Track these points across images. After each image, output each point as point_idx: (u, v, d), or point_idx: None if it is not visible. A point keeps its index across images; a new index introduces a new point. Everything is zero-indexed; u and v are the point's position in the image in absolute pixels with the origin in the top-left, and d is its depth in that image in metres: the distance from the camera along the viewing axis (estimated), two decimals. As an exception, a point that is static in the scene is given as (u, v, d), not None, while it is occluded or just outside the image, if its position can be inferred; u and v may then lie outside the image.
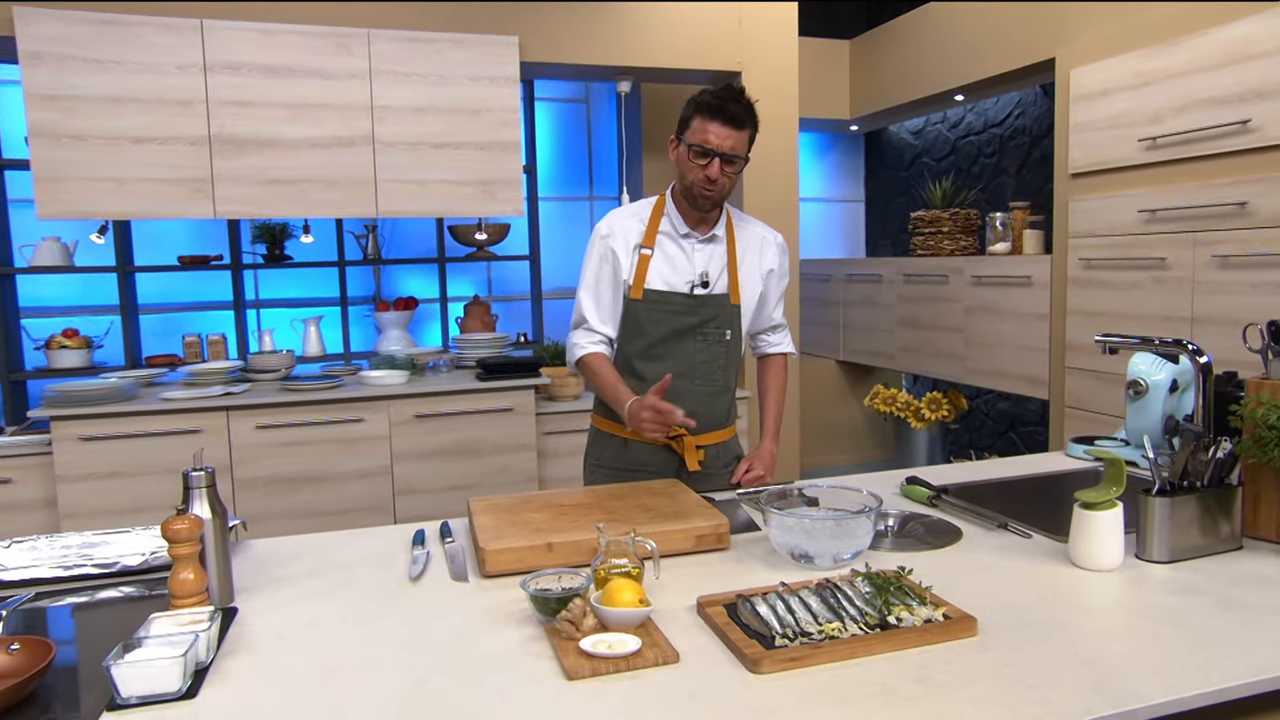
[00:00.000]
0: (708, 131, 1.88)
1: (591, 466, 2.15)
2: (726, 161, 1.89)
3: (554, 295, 4.99)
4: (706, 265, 2.03)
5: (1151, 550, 1.50)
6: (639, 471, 2.05)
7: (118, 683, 1.07)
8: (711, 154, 1.88)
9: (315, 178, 3.41)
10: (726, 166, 1.90)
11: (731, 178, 1.93)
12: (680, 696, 1.08)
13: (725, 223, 2.07)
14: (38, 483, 3.26)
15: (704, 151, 1.89)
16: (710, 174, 1.89)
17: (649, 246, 2.01)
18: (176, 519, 1.30)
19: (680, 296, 2.01)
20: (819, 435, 5.03)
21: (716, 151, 1.88)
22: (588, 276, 2.06)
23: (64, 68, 3.14)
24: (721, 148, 1.88)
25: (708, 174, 1.90)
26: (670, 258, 2.02)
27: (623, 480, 2.01)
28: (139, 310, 4.49)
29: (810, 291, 5.30)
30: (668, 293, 2.01)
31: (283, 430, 3.40)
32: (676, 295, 2.01)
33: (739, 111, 1.87)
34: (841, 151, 5.55)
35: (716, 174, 1.89)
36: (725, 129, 1.87)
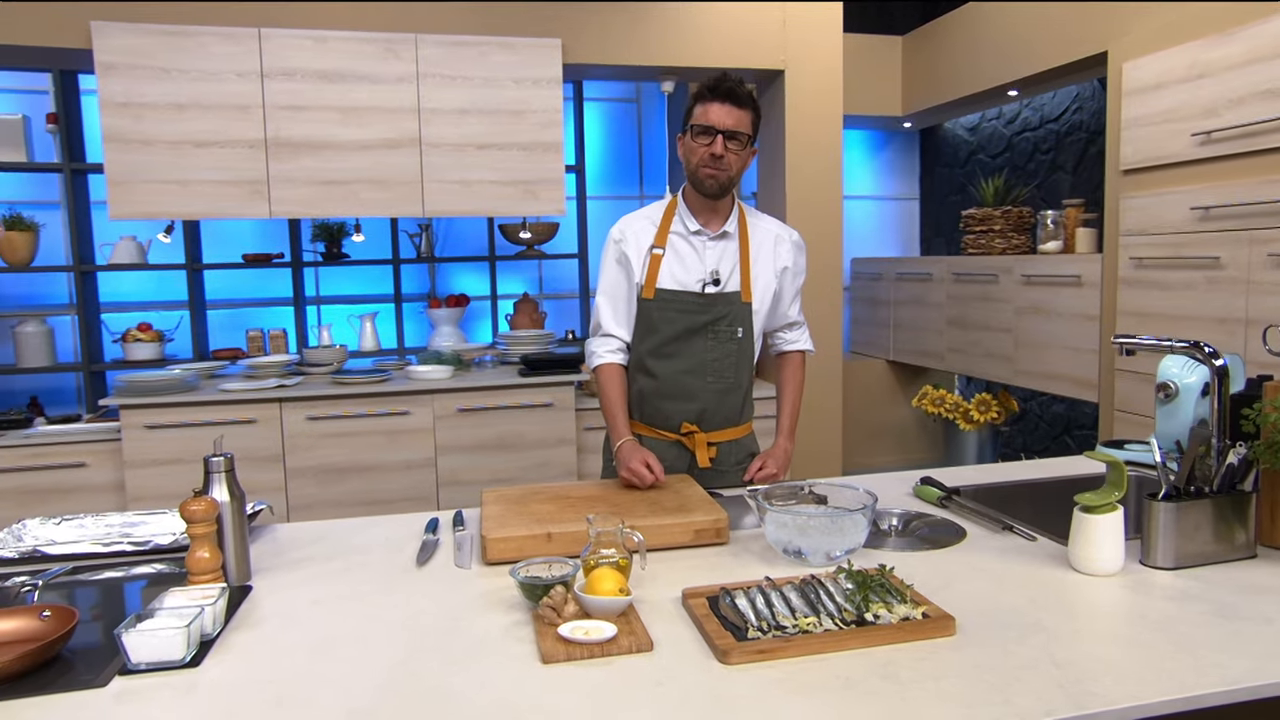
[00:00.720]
0: (708, 112, 1.93)
1: (609, 461, 2.19)
2: (730, 139, 1.92)
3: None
4: (718, 263, 2.04)
5: (1156, 556, 1.47)
6: None
7: (128, 649, 1.16)
8: (713, 131, 1.92)
9: (364, 178, 3.54)
10: (730, 144, 1.92)
11: (737, 157, 1.95)
12: (647, 683, 1.11)
13: (737, 220, 2.08)
14: (109, 467, 3.46)
15: (706, 129, 1.92)
16: (715, 150, 1.92)
17: (660, 246, 2.04)
18: (193, 500, 1.39)
19: (691, 295, 2.02)
20: (867, 436, 4.98)
21: (718, 129, 1.91)
22: (604, 282, 2.11)
23: (135, 77, 3.33)
24: (723, 125, 1.91)
25: (712, 151, 1.92)
26: (681, 257, 2.04)
27: None
28: (207, 306, 4.72)
29: (860, 291, 5.24)
30: (679, 291, 2.03)
31: (332, 421, 3.54)
32: (687, 294, 2.03)
33: (737, 90, 1.92)
34: (895, 149, 5.47)
35: (720, 150, 1.92)
36: (725, 107, 1.91)
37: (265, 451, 3.50)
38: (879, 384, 5.01)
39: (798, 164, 3.94)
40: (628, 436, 1.98)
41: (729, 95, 1.91)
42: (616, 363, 2.09)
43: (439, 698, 1.09)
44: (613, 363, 2.09)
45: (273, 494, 3.53)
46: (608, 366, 2.09)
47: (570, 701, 1.07)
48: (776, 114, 4.03)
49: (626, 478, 1.87)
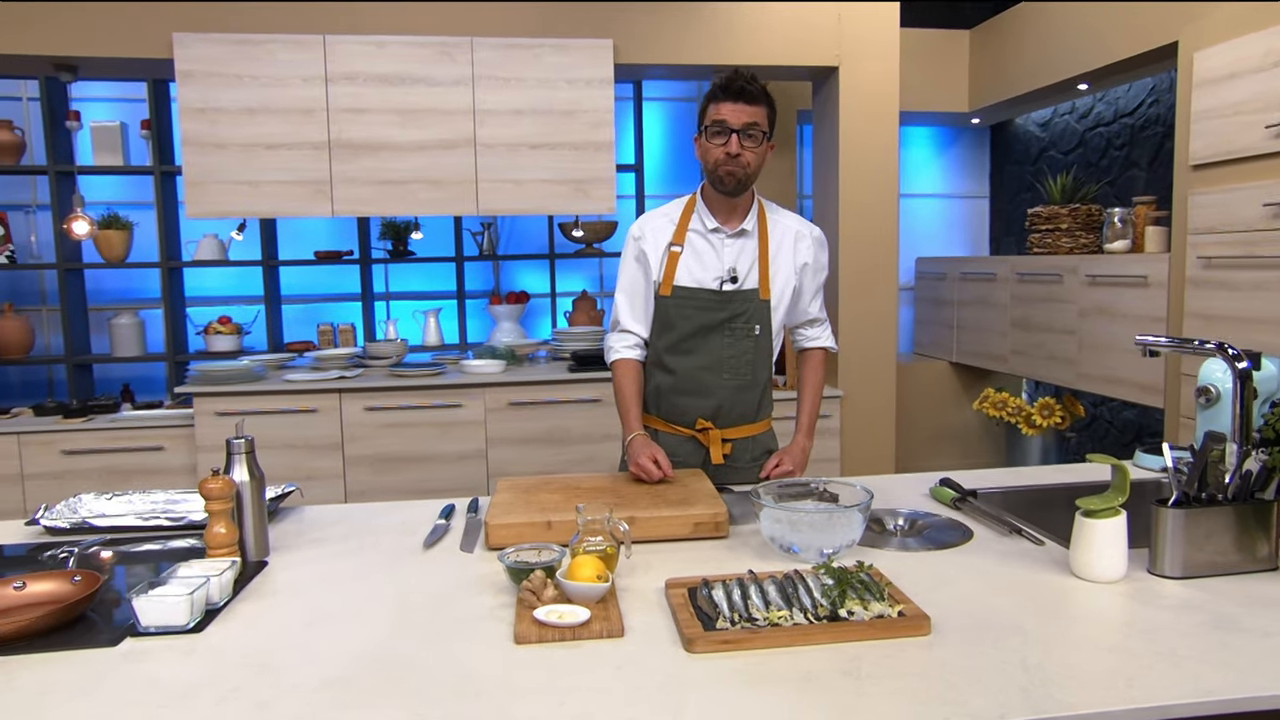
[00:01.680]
0: (721, 110, 1.93)
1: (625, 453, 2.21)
2: (745, 136, 1.92)
3: (658, 291, 5.08)
4: (736, 260, 2.05)
5: (1163, 564, 1.42)
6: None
7: (138, 613, 1.26)
8: (728, 129, 1.92)
9: (421, 178, 3.66)
10: (746, 141, 1.93)
11: (753, 154, 1.95)
12: (609, 666, 1.14)
13: (757, 216, 2.08)
14: (183, 451, 3.68)
15: (721, 128, 1.93)
16: (730, 149, 1.92)
17: (679, 244, 2.06)
18: (211, 479, 1.49)
19: (707, 293, 2.03)
20: (928, 439, 4.87)
21: (733, 127, 1.92)
22: (623, 279, 2.14)
23: (210, 84, 3.53)
24: (737, 122, 1.91)
25: (727, 150, 1.92)
26: (699, 254, 2.05)
27: None
28: (282, 300, 4.95)
29: (924, 290, 5.13)
30: (695, 289, 2.04)
31: (389, 413, 3.67)
32: (704, 291, 2.03)
33: (750, 87, 1.92)
34: (964, 146, 5.33)
35: (736, 148, 1.92)
36: (737, 104, 1.91)
37: (325, 440, 3.66)
38: (941, 386, 4.89)
39: (852, 162, 3.89)
40: (638, 431, 2.01)
41: (741, 93, 1.91)
42: (633, 358, 2.12)
43: (409, 671, 1.14)
44: (628, 358, 2.12)
45: (332, 480, 3.69)
46: (623, 361, 2.12)
47: (530, 679, 1.11)
48: (830, 112, 3.99)
49: (635, 472, 1.90)
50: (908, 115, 4.85)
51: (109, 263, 4.42)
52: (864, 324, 3.99)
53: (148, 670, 1.15)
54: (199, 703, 1.06)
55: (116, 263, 4.43)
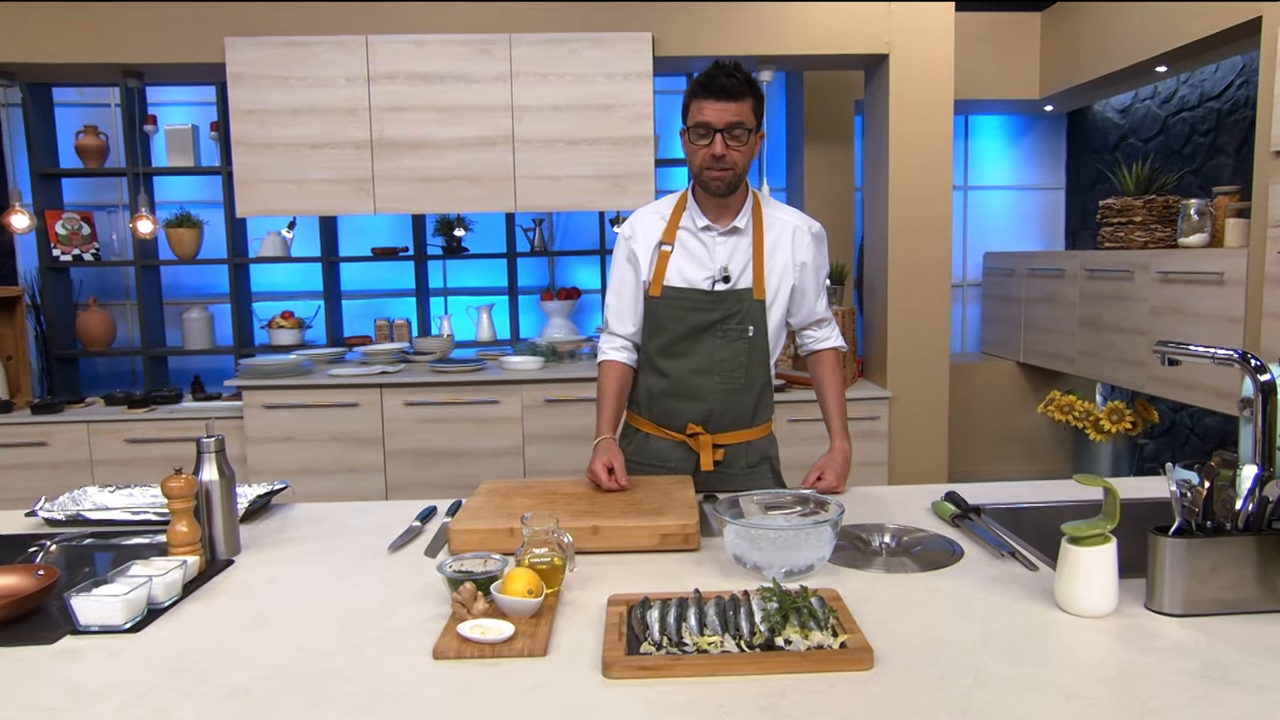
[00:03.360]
0: (703, 109, 1.82)
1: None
2: (730, 136, 1.82)
3: (710, 287, 4.99)
4: (728, 259, 1.96)
5: (1161, 599, 1.27)
6: (659, 466, 2.03)
7: (76, 612, 1.27)
8: (711, 129, 1.82)
9: (460, 175, 3.68)
10: (731, 141, 1.83)
11: (740, 153, 1.85)
12: (517, 689, 1.09)
13: (751, 212, 1.97)
14: (235, 441, 3.81)
15: (704, 130, 1.83)
16: (715, 151, 1.82)
17: (669, 243, 1.97)
18: (173, 478, 1.50)
19: (698, 293, 1.95)
20: (993, 443, 4.63)
21: (716, 127, 1.82)
22: (613, 279, 2.07)
23: (259, 85, 3.63)
24: (720, 121, 1.81)
25: (712, 152, 1.83)
26: (690, 253, 1.97)
27: (642, 473, 2.00)
28: (343, 296, 5.08)
29: (992, 287, 4.88)
30: (685, 289, 1.96)
31: (428, 408, 3.71)
32: (694, 292, 1.95)
33: (731, 83, 1.80)
34: (1038, 135, 5.03)
35: (721, 149, 1.82)
36: (719, 103, 1.80)
37: (367, 434, 3.73)
38: (1008, 387, 4.64)
39: (903, 155, 3.72)
40: (605, 435, 1.95)
41: (722, 90, 1.80)
42: (617, 360, 2.06)
43: (320, 681, 1.12)
44: (612, 359, 2.06)
45: (373, 474, 3.75)
46: (606, 364, 2.06)
47: (432, 696, 1.07)
48: (880, 102, 3.82)
49: (589, 478, 1.84)
50: (976, 104, 4.62)
51: (181, 259, 4.61)
52: (915, 322, 3.81)
53: (67, 670, 1.17)
54: (100, 708, 1.06)
55: (187, 259, 4.62)
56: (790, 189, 4.94)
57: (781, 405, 3.75)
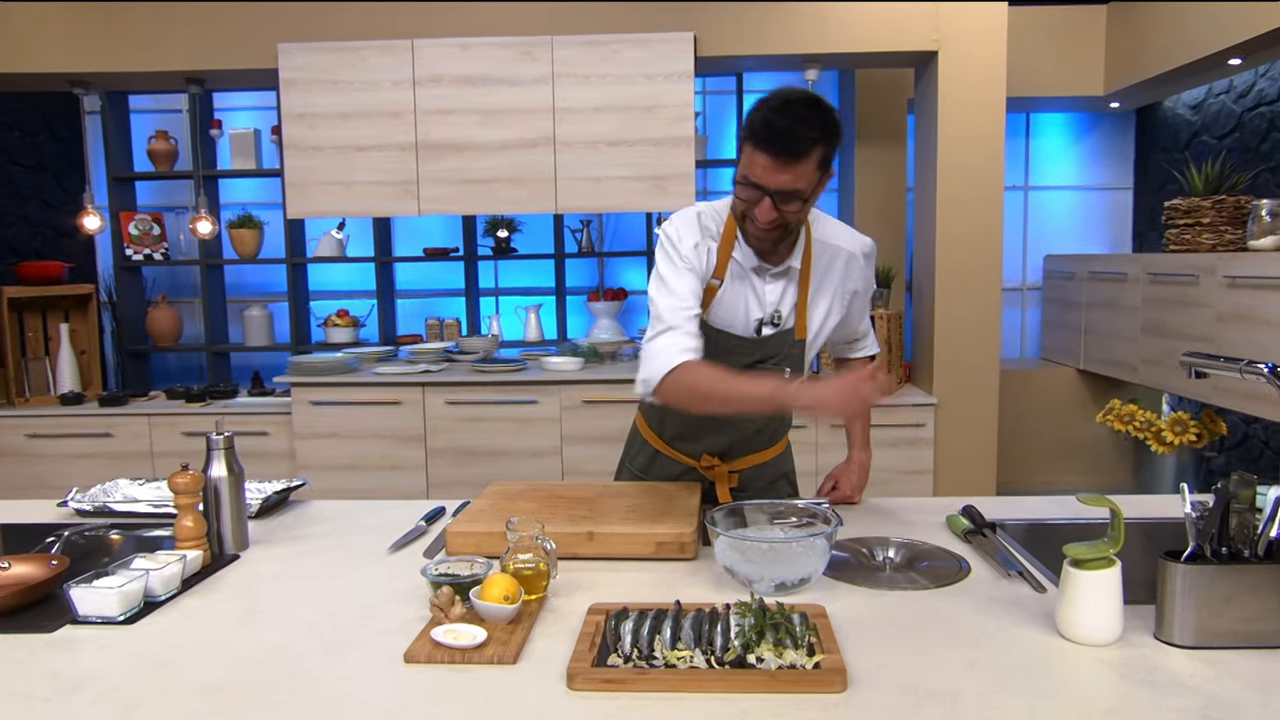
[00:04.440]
0: (754, 164, 1.49)
1: (623, 464, 2.06)
2: (783, 199, 1.50)
3: (757, 289, 4.93)
4: (778, 302, 1.70)
5: (1170, 629, 1.19)
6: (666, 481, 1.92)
7: (74, 603, 1.31)
8: (759, 190, 1.50)
9: (502, 177, 3.71)
10: (783, 205, 1.51)
11: (793, 215, 1.54)
12: (480, 697, 1.08)
13: (803, 248, 1.69)
14: (285, 437, 3.92)
15: (751, 185, 1.51)
16: (759, 219, 1.52)
17: (719, 277, 1.69)
18: (179, 474, 1.54)
19: (737, 339, 1.72)
20: (1051, 453, 4.46)
21: (765, 189, 1.49)
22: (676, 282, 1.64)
23: (310, 90, 3.73)
24: (772, 184, 1.48)
25: (758, 218, 1.53)
26: (739, 295, 1.70)
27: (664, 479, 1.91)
28: (397, 295, 5.18)
29: (1053, 291, 4.69)
30: (725, 332, 1.71)
31: (468, 407, 3.76)
32: (733, 336, 1.72)
33: (792, 138, 1.44)
34: (1104, 133, 4.82)
35: (768, 216, 1.51)
36: (773, 162, 1.46)
37: (410, 432, 3.79)
38: (1068, 395, 4.46)
39: (953, 155, 3.60)
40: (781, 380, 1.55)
41: (780, 148, 1.44)
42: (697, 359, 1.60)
43: (292, 681, 1.13)
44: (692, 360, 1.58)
45: (415, 471, 3.82)
46: (693, 363, 1.57)
47: (393, 701, 1.07)
48: (928, 100, 3.71)
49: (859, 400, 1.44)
50: (1037, 101, 4.45)
51: (242, 259, 4.77)
52: (964, 327, 3.69)
53: (58, 660, 1.20)
54: (77, 699, 1.09)
55: (249, 259, 4.77)
56: (841, 190, 4.85)
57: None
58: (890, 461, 3.70)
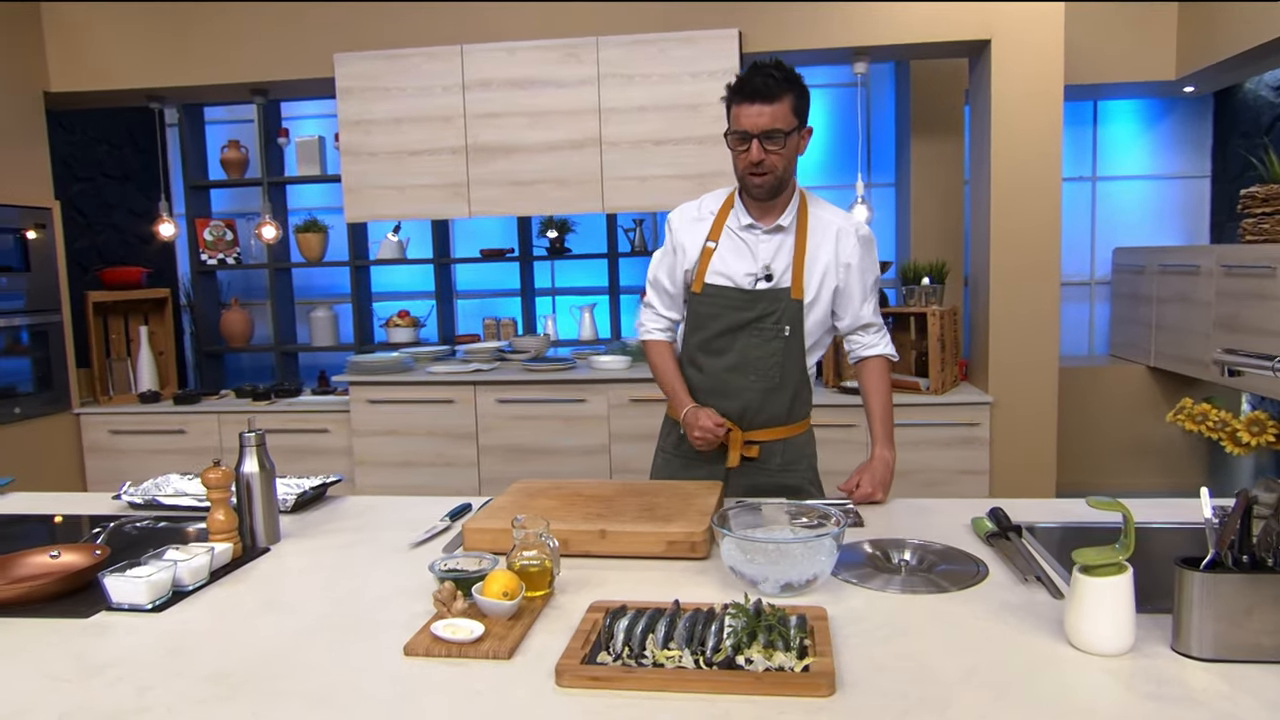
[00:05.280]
0: (740, 116, 1.83)
1: (659, 449, 2.19)
2: (768, 139, 1.81)
3: (811, 286, 4.86)
4: (771, 258, 1.95)
5: (1187, 641, 1.14)
6: (695, 459, 2.05)
7: (108, 591, 1.39)
8: (748, 136, 1.82)
9: (549, 178, 3.75)
10: (769, 144, 1.82)
11: (780, 156, 1.84)
12: (469, 691, 1.11)
13: (797, 210, 1.96)
14: (343, 434, 4.05)
15: (741, 136, 1.84)
16: (752, 158, 1.83)
17: (714, 240, 1.99)
18: (211, 470, 1.61)
19: (736, 291, 1.95)
20: (1120, 454, 4.28)
21: (751, 133, 1.81)
22: (659, 265, 2.08)
23: (364, 98, 3.84)
24: (756, 127, 1.81)
25: (750, 159, 1.84)
26: (735, 250, 1.97)
27: (678, 464, 2.08)
28: (456, 296, 5.29)
29: (1122, 285, 4.50)
30: (725, 287, 1.97)
31: (518, 405, 3.81)
32: (733, 290, 1.96)
33: (765, 85, 1.78)
34: (1179, 119, 4.60)
35: (758, 155, 1.82)
36: (754, 106, 1.79)
37: (462, 429, 3.87)
38: (1138, 394, 4.28)
39: (1008, 146, 3.49)
40: (691, 404, 1.98)
41: (755, 93, 1.79)
42: (664, 339, 2.10)
43: (294, 671, 1.17)
44: (660, 339, 2.10)
45: (467, 469, 3.89)
46: (656, 342, 2.10)
47: (388, 693, 1.10)
48: (982, 91, 3.60)
49: (700, 439, 1.92)
50: (1106, 88, 4.28)
51: (309, 262, 4.94)
52: (1020, 324, 3.57)
53: (88, 644, 1.27)
54: (96, 681, 1.16)
55: (314, 262, 4.94)
56: (898, 183, 4.75)
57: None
58: (944, 461, 3.61)
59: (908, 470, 3.64)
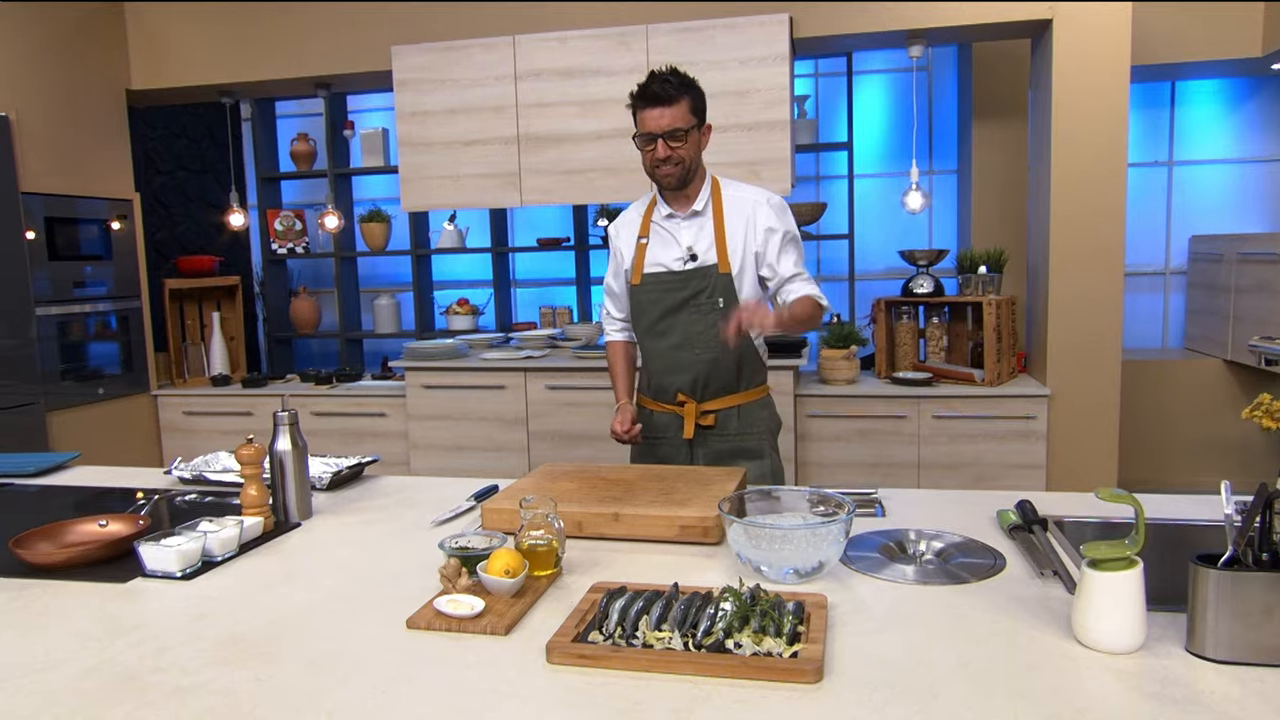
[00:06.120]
0: (644, 119, 2.03)
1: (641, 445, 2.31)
2: (670, 137, 2.01)
3: (868, 276, 4.78)
4: (693, 240, 2.13)
5: (1202, 641, 1.09)
6: (660, 438, 2.23)
7: (143, 558, 1.46)
8: (653, 137, 2.02)
9: (598, 167, 3.77)
10: (672, 142, 2.02)
11: (685, 151, 2.03)
12: (460, 664, 1.13)
13: (709, 196, 2.15)
14: (399, 418, 4.16)
15: (647, 138, 2.03)
16: (658, 155, 2.02)
17: (645, 236, 2.19)
18: (244, 446, 1.68)
19: (669, 274, 2.14)
20: (1192, 450, 4.08)
21: (655, 133, 2.02)
22: (608, 271, 2.35)
23: (420, 89, 3.91)
24: (659, 128, 2.01)
25: (656, 156, 2.03)
26: (663, 240, 2.17)
27: (648, 446, 2.24)
28: (512, 284, 5.37)
29: (1199, 275, 4.29)
30: (660, 273, 2.16)
31: (567, 392, 3.85)
32: (666, 274, 2.15)
33: (662, 89, 1.99)
34: (1267, 99, 4.34)
35: (664, 152, 2.02)
36: (655, 110, 2.00)
37: (513, 415, 3.93)
38: (1214, 389, 4.08)
39: (1070, 130, 3.36)
40: (623, 400, 2.27)
41: (655, 98, 2.00)
42: (620, 339, 2.34)
43: (299, 637, 1.22)
44: (617, 340, 2.35)
45: (518, 453, 3.95)
46: (612, 343, 2.36)
47: (384, 663, 1.14)
48: (1044, 72, 3.47)
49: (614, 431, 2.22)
50: (1183, 67, 4.08)
51: (372, 251, 5.08)
52: (1081, 314, 3.44)
53: (120, 607, 1.35)
54: (121, 641, 1.22)
55: (378, 251, 5.08)
56: (960, 170, 4.62)
57: (929, 400, 3.54)
58: (997, 456, 3.50)
59: (957, 464, 3.55)
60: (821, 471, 3.70)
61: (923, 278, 3.76)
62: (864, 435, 3.65)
